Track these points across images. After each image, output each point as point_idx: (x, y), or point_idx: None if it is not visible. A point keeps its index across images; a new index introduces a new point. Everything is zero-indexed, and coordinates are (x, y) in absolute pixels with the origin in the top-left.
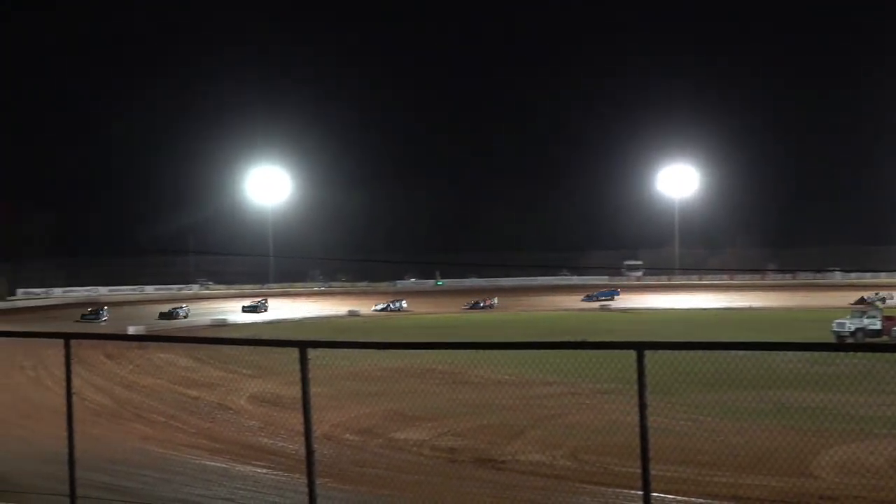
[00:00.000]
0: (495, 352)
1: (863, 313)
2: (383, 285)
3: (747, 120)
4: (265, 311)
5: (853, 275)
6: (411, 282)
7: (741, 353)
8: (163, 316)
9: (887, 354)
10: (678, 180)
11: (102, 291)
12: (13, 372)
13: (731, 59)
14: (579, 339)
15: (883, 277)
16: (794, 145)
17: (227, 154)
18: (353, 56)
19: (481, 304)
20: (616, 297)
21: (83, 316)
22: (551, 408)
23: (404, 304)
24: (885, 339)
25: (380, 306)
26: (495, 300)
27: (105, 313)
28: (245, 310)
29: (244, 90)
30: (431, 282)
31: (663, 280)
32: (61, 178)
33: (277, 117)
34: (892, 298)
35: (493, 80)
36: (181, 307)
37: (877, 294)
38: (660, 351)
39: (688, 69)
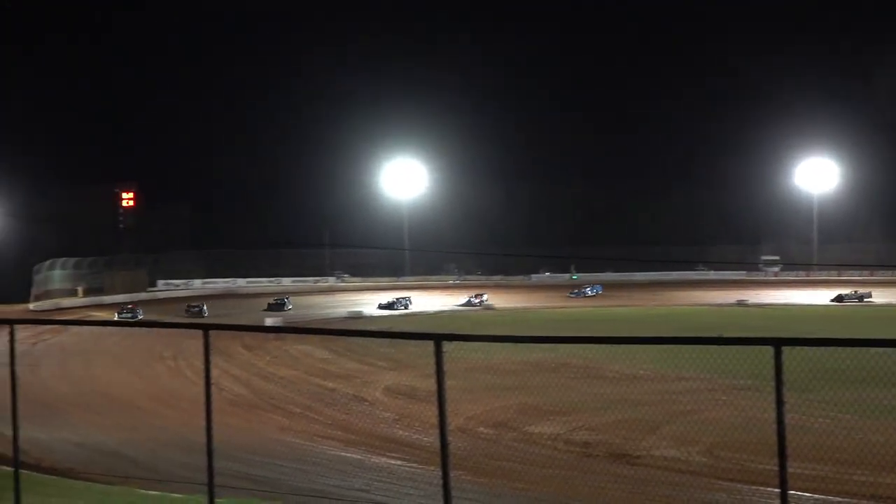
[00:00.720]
0: (630, 346)
1: None
2: (518, 279)
3: (889, 112)
4: (289, 308)
5: None
6: (546, 276)
7: (882, 349)
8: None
9: None
10: (817, 174)
11: (240, 283)
12: (154, 362)
13: (874, 50)
14: (716, 334)
15: None
16: None
17: (363, 146)
18: (491, 50)
19: (475, 300)
20: (599, 293)
21: (119, 314)
22: (687, 403)
23: (485, 297)
24: None
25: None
26: (485, 296)
27: (140, 312)
28: (270, 307)
29: (381, 82)
30: (566, 275)
31: (801, 275)
32: (202, 172)
33: (415, 109)
34: (869, 297)
35: (631, 73)
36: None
37: (855, 292)
38: (798, 347)
39: (828, 60)
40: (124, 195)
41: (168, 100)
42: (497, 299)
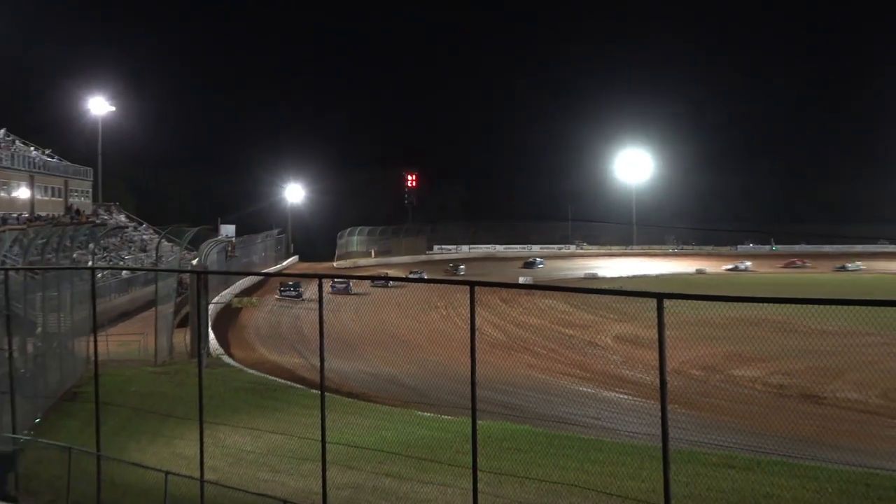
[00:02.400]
0: (820, 306)
1: None
2: (725, 249)
3: None
4: (541, 266)
5: None
6: (750, 247)
7: None
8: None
9: None
10: None
11: (499, 248)
12: (429, 310)
13: None
14: (886, 298)
15: None
16: None
17: (602, 138)
18: (704, 59)
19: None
20: (540, 267)
21: (409, 273)
22: (868, 355)
23: (748, 264)
24: None
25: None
26: (462, 267)
27: (424, 273)
28: (526, 265)
29: (618, 85)
30: (767, 247)
31: None
32: (471, 158)
33: (644, 107)
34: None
35: (837, 61)
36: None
37: (853, 262)
38: None
39: None
40: (409, 177)
41: (445, 100)
42: (708, 265)
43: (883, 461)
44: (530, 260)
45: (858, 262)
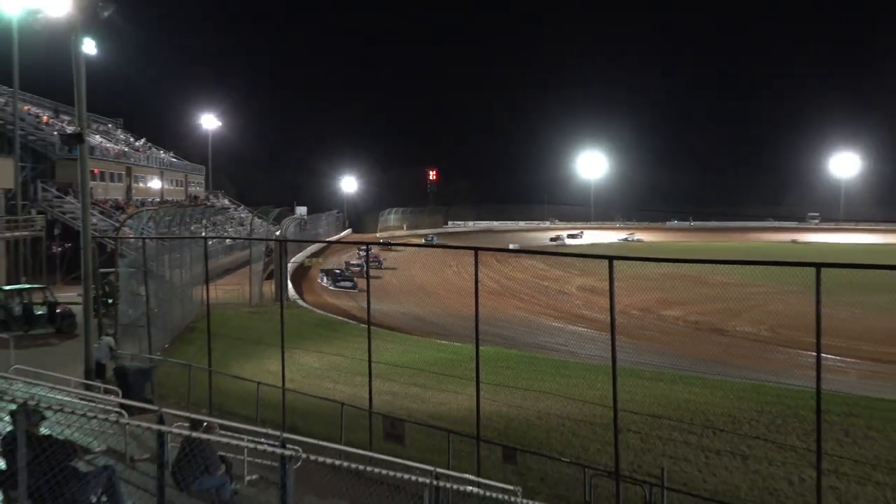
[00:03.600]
0: (727, 266)
1: None
2: (657, 224)
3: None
4: (434, 241)
5: None
6: (674, 223)
7: (886, 270)
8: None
9: None
10: (844, 164)
11: (495, 224)
12: (444, 269)
13: None
14: (772, 259)
15: None
16: None
17: (567, 141)
18: (641, 78)
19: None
20: (435, 241)
21: (425, 238)
22: (759, 300)
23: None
24: None
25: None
26: (434, 237)
27: (435, 238)
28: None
29: (581, 99)
30: (687, 223)
31: (831, 225)
32: (477, 159)
33: (601, 116)
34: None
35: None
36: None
37: (633, 234)
38: (831, 269)
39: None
40: (430, 172)
41: (457, 114)
42: (646, 236)
43: (769, 376)
44: (429, 237)
45: (638, 235)
